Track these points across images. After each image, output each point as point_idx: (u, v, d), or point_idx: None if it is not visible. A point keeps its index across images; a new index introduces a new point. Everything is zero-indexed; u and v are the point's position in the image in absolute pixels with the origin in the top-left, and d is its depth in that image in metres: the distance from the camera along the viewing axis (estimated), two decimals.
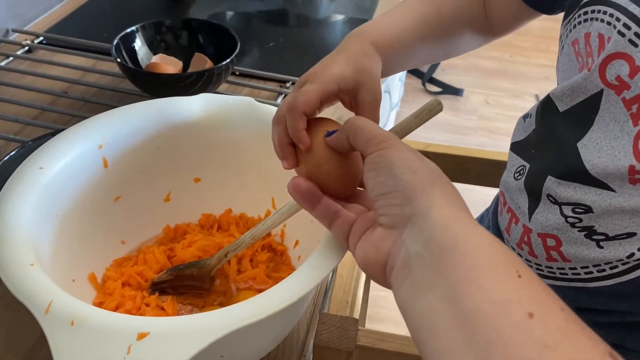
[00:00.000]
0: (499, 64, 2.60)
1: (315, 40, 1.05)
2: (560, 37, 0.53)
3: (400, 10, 0.57)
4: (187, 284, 0.53)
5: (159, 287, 0.52)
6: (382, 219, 0.34)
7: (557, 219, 0.51)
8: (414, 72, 2.43)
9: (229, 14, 1.11)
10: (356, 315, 0.59)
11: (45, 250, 0.45)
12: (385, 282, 0.34)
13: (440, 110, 0.41)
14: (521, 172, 0.56)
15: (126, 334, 0.35)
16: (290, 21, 1.12)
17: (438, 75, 2.45)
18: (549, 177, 0.51)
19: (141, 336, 0.35)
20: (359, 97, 0.46)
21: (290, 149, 0.43)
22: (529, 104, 2.37)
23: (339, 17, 1.12)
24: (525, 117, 0.59)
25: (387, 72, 0.54)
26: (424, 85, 2.40)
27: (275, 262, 0.57)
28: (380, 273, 0.34)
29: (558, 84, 0.55)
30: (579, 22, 0.48)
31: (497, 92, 2.44)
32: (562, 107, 0.50)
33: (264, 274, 0.54)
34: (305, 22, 1.12)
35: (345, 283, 0.60)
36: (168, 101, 0.55)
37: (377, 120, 0.45)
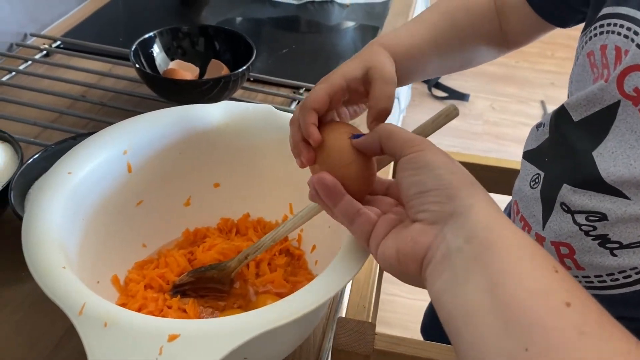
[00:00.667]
0: (504, 69, 2.61)
1: (328, 47, 1.06)
2: (577, 49, 0.54)
3: (415, 23, 0.58)
4: (207, 286, 0.54)
5: (180, 290, 0.53)
6: (421, 215, 0.35)
7: (570, 227, 0.52)
8: None
9: (240, 19, 1.12)
10: (371, 319, 0.59)
11: (72, 252, 0.46)
12: (416, 277, 0.35)
13: (457, 115, 0.42)
14: (537, 180, 0.57)
15: (157, 335, 0.36)
16: (302, 27, 1.13)
17: (444, 80, 2.46)
18: (565, 185, 0.52)
19: (172, 338, 0.36)
20: (370, 75, 0.46)
21: (304, 146, 0.43)
22: (535, 109, 2.37)
23: (351, 24, 1.13)
24: (538, 126, 0.60)
25: (402, 82, 0.55)
26: (429, 90, 2.41)
27: (293, 266, 0.58)
28: (415, 267, 0.34)
29: (570, 94, 0.56)
30: (595, 35, 0.49)
31: (503, 98, 2.45)
32: (576, 117, 0.51)
33: (282, 278, 0.55)
34: (317, 29, 1.13)
35: (362, 288, 0.60)
36: (191, 108, 0.56)
37: (391, 98, 0.45)
